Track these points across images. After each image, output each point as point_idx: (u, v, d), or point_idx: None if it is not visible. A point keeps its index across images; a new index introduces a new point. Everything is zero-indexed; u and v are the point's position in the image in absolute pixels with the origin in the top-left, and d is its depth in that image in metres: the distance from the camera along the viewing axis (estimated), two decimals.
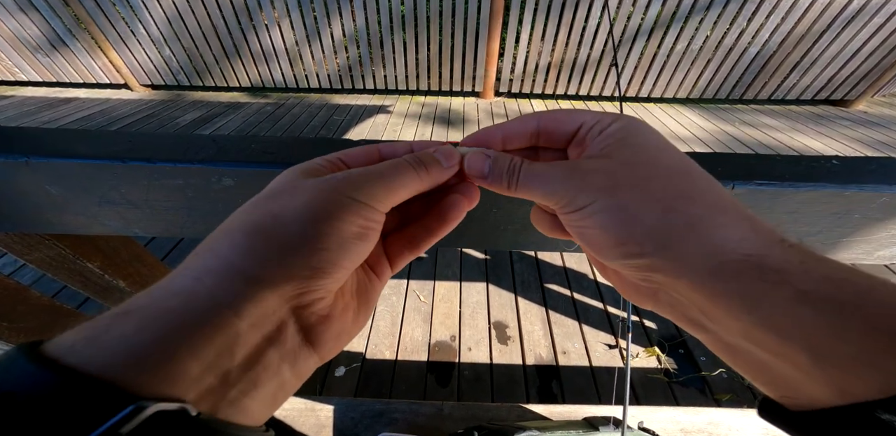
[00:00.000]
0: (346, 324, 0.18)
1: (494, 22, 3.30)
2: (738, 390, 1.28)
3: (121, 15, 3.36)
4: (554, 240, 0.42)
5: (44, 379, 0.10)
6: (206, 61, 3.71)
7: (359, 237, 0.17)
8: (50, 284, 1.60)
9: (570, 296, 1.63)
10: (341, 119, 3.44)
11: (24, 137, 0.38)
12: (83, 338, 0.12)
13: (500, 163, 0.20)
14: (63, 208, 0.39)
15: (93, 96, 3.83)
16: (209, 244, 0.16)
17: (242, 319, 0.13)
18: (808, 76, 3.53)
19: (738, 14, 3.17)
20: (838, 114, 3.59)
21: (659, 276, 0.17)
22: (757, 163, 0.35)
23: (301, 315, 0.16)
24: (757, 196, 0.34)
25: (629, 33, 3.35)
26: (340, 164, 0.21)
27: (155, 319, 0.12)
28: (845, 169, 0.35)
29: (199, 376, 0.12)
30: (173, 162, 0.37)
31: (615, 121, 0.20)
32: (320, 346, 0.17)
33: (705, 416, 0.72)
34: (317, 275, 0.16)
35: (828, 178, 0.34)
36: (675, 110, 3.71)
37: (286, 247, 0.15)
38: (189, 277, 0.14)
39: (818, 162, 0.36)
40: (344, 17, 3.38)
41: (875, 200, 0.34)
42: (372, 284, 0.21)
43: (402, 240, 0.22)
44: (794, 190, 0.33)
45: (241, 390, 0.13)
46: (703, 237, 0.16)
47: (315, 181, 0.18)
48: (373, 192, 0.18)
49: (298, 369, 0.16)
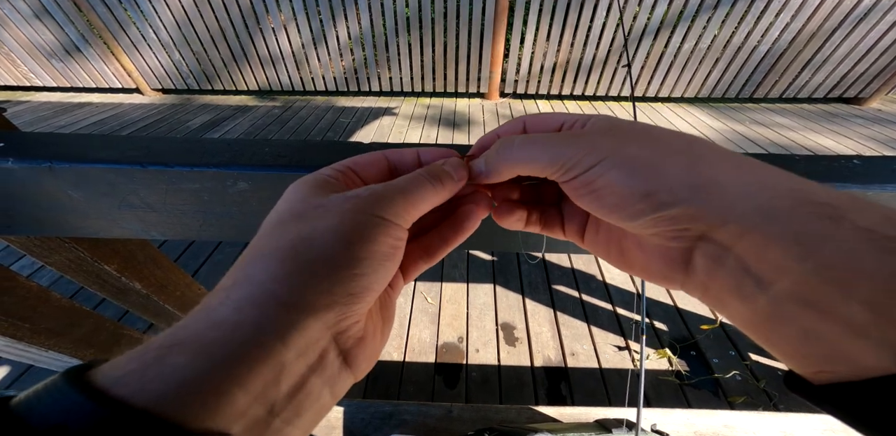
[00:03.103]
0: (377, 342, 0.18)
1: (499, 23, 3.30)
2: (752, 392, 1.26)
3: (132, 20, 3.44)
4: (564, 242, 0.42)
5: (95, 412, 0.10)
6: (215, 65, 3.77)
7: (389, 258, 0.17)
8: (67, 285, 1.63)
9: (578, 297, 1.61)
10: (347, 121, 3.46)
11: (47, 143, 0.39)
12: (131, 370, 0.12)
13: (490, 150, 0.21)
14: (84, 212, 0.39)
15: (105, 101, 3.91)
16: (245, 270, 0.15)
17: (289, 350, 0.13)
18: (821, 74, 3.47)
19: (747, 12, 3.13)
20: (852, 112, 3.52)
21: (699, 225, 0.15)
22: (775, 162, 0.35)
23: (340, 340, 0.16)
24: None
25: (636, 33, 3.33)
26: (351, 174, 0.20)
27: (202, 353, 0.12)
28: (867, 169, 0.34)
29: (246, 408, 0.12)
30: (190, 166, 0.37)
31: (594, 117, 0.19)
32: (356, 367, 0.17)
33: (720, 418, 0.71)
34: (354, 300, 0.15)
35: (849, 178, 0.33)
36: (685, 110, 3.68)
37: (324, 273, 0.15)
38: (230, 306, 0.14)
39: (838, 161, 0.35)
40: (349, 19, 3.41)
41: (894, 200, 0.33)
42: (389, 297, 0.21)
43: (417, 250, 0.22)
44: None
45: (285, 419, 0.13)
46: (745, 175, 0.14)
47: (340, 199, 0.17)
48: (397, 209, 0.17)
49: (336, 391, 0.16)
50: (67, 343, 0.46)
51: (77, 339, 0.48)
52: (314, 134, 3.23)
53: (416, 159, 0.22)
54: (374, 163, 0.21)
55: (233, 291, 0.14)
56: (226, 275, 0.15)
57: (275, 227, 0.17)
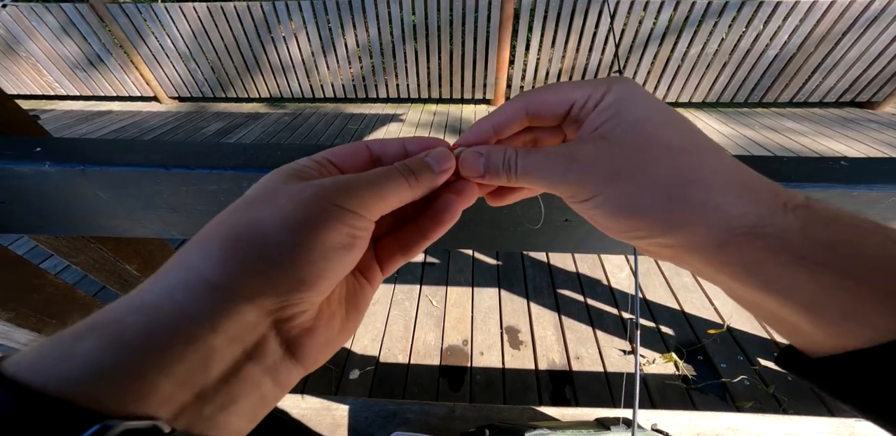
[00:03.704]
0: (332, 333, 0.17)
1: (504, 30, 3.34)
2: (761, 397, 1.24)
3: (151, 31, 3.57)
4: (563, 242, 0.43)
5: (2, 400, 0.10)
6: (229, 74, 3.89)
7: (345, 247, 0.16)
8: (89, 286, 1.68)
9: (583, 301, 1.61)
10: (356, 128, 3.53)
11: (80, 148, 0.42)
12: (43, 356, 0.11)
13: (493, 158, 0.20)
14: (113, 212, 0.42)
15: (125, 109, 4.05)
16: (182, 255, 0.15)
17: (218, 334, 0.13)
18: (832, 78, 3.43)
19: (754, 17, 3.12)
20: (865, 116, 3.46)
21: (668, 251, 0.18)
22: (761, 163, 0.36)
23: (283, 328, 0.15)
24: None
25: (641, 38, 3.33)
26: (328, 164, 0.20)
27: (119, 337, 0.12)
28: (853, 169, 0.35)
29: (171, 393, 0.11)
30: (209, 168, 0.40)
31: (608, 92, 0.19)
32: (304, 358, 0.16)
33: (724, 421, 0.71)
34: (299, 288, 0.15)
35: (835, 178, 0.34)
36: (693, 115, 3.66)
37: (265, 258, 0.14)
38: (154, 292, 0.13)
39: (825, 163, 0.36)
40: (357, 28, 3.49)
41: (885, 201, 0.34)
42: (362, 289, 0.20)
43: (394, 243, 0.21)
44: (799, 190, 0.34)
45: (218, 405, 0.13)
46: (709, 218, 0.16)
47: (300, 186, 0.16)
48: (361, 200, 0.17)
49: (281, 381, 0.15)
50: None
51: None
52: (323, 140, 3.30)
53: (401, 150, 0.21)
54: (355, 154, 0.21)
55: (165, 275, 0.14)
56: (167, 261, 0.15)
57: (227, 214, 0.16)
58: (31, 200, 0.41)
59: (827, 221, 0.15)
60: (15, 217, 0.43)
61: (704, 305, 1.58)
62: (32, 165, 0.39)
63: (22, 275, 0.43)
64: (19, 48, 3.71)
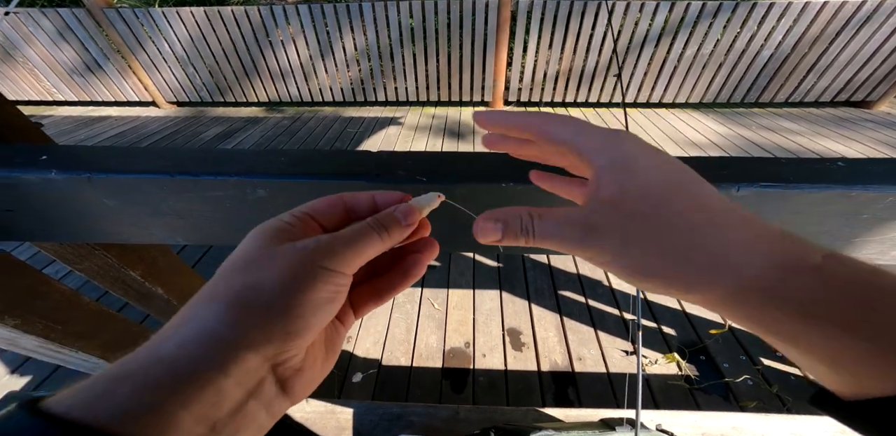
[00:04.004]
0: (316, 371, 0.21)
1: (501, 32, 3.36)
2: (764, 397, 1.24)
3: (149, 36, 3.58)
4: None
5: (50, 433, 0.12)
6: (227, 78, 3.89)
7: (329, 302, 0.19)
8: (92, 291, 1.68)
9: (584, 302, 1.61)
10: (355, 131, 3.53)
11: (85, 155, 0.42)
12: (80, 401, 0.14)
13: (511, 226, 0.21)
14: (118, 219, 0.43)
15: (123, 114, 4.06)
16: (194, 310, 0.17)
17: (228, 378, 0.16)
18: (826, 78, 3.46)
19: (748, 18, 3.15)
20: (861, 116, 3.49)
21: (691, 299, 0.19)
22: (761, 165, 0.36)
23: (277, 371, 0.18)
24: (762, 198, 0.35)
25: (637, 39, 3.36)
26: (309, 219, 0.22)
27: (148, 385, 0.14)
28: (851, 170, 0.35)
29: (191, 427, 0.14)
30: (214, 175, 0.40)
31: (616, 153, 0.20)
32: (293, 393, 0.19)
33: (728, 420, 0.71)
34: (292, 338, 0.18)
35: (833, 179, 0.34)
36: (689, 115, 3.68)
37: (266, 317, 0.17)
38: (175, 343, 0.16)
39: (822, 163, 0.37)
40: (355, 32, 3.50)
41: (882, 201, 0.34)
42: (338, 331, 0.23)
43: (367, 291, 0.24)
44: (798, 191, 0.34)
45: (227, 434, 0.16)
46: (722, 280, 0.17)
47: (288, 250, 0.19)
48: (341, 259, 0.19)
49: (274, 413, 0.18)
50: (97, 345, 0.49)
51: (106, 341, 0.50)
52: (322, 144, 3.30)
53: (371, 202, 0.24)
54: (331, 207, 0.23)
55: (180, 329, 0.17)
56: (178, 313, 0.18)
57: (228, 273, 0.19)
58: (38, 207, 0.41)
59: (844, 281, 0.15)
60: (21, 224, 0.43)
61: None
62: (39, 173, 0.40)
63: (27, 281, 0.44)
64: (17, 54, 3.70)
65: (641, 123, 3.57)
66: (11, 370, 1.40)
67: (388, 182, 0.38)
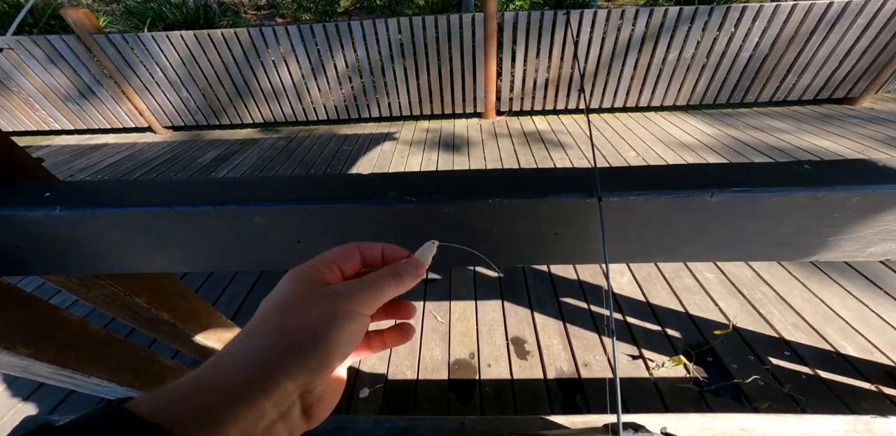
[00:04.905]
0: (333, 398, 0.25)
1: (489, 44, 3.43)
2: (776, 396, 1.23)
3: (140, 60, 3.61)
4: (556, 253, 0.45)
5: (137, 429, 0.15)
6: (221, 100, 3.94)
7: (354, 338, 0.23)
8: (100, 318, 1.69)
9: (587, 308, 1.61)
10: (350, 149, 3.56)
11: (87, 191, 0.44)
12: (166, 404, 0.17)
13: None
14: (122, 251, 0.44)
15: (120, 141, 4.10)
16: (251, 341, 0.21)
17: (270, 400, 0.19)
18: (807, 76, 3.54)
19: (724, 20, 3.25)
20: (845, 112, 3.56)
21: None
22: (731, 171, 0.38)
23: (305, 397, 0.22)
24: (735, 202, 0.37)
25: (621, 45, 3.45)
26: (333, 265, 0.27)
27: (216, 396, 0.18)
28: (816, 173, 0.37)
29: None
30: (212, 205, 0.42)
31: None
32: (312, 417, 0.23)
33: (737, 422, 0.70)
34: (323, 369, 0.21)
35: (800, 182, 0.36)
36: (679, 118, 3.75)
37: (305, 351, 0.21)
38: (237, 366, 0.20)
39: (790, 167, 0.39)
40: (345, 49, 3.57)
41: (849, 201, 0.36)
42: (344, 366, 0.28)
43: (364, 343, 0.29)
44: (769, 195, 0.36)
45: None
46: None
47: (322, 294, 0.24)
48: (366, 302, 0.24)
49: (293, 434, 0.21)
50: (107, 369, 0.50)
51: (115, 365, 0.51)
52: (319, 163, 3.31)
53: (379, 252, 0.29)
54: (350, 254, 0.28)
55: (240, 355, 0.20)
56: (231, 342, 0.22)
57: (271, 313, 0.23)
58: (44, 243, 0.43)
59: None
60: (29, 260, 0.45)
61: (709, 306, 1.58)
62: (44, 211, 0.41)
63: (36, 312, 0.45)
64: (10, 84, 3.74)
65: (632, 126, 3.63)
66: (26, 396, 1.41)
67: (379, 204, 0.40)
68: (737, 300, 1.60)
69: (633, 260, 0.43)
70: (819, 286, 1.65)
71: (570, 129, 3.66)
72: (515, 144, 3.40)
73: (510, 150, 3.31)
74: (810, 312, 1.53)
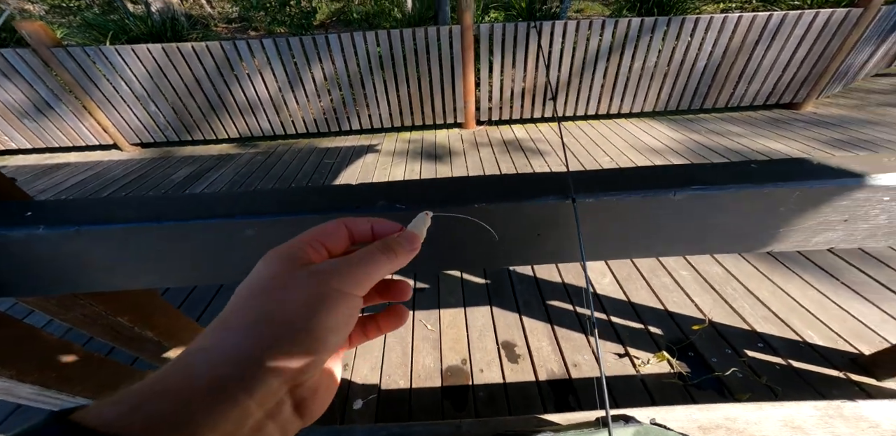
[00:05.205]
0: (328, 391, 0.22)
1: (467, 55, 3.51)
2: (755, 387, 1.29)
3: (103, 74, 3.45)
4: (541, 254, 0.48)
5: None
6: (193, 115, 3.83)
7: (344, 323, 0.20)
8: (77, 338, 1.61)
9: (572, 310, 1.65)
10: (332, 162, 3.53)
11: (70, 209, 0.44)
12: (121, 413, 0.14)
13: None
14: (109, 268, 0.44)
15: (84, 160, 3.89)
16: (221, 333, 0.18)
17: (253, 399, 0.16)
18: (756, 83, 3.84)
19: (681, 31, 3.50)
20: (792, 116, 3.86)
21: None
22: (691, 171, 0.43)
23: (295, 392, 0.19)
24: (695, 199, 0.41)
25: (591, 55, 3.61)
26: (317, 244, 0.23)
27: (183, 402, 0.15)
28: (762, 171, 0.42)
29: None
30: (201, 219, 0.42)
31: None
32: (306, 414, 0.20)
33: (721, 412, 0.73)
34: (310, 360, 0.19)
35: (748, 179, 0.41)
36: (647, 124, 3.95)
37: (287, 340, 0.18)
38: (207, 364, 0.17)
39: (741, 166, 0.43)
40: (323, 62, 3.56)
41: (791, 195, 0.41)
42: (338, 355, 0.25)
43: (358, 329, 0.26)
44: (724, 192, 0.40)
45: None
46: None
47: (303, 274, 0.20)
48: (354, 281, 0.21)
49: (286, 433, 0.19)
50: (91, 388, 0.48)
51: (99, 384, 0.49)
52: (300, 178, 3.26)
53: (369, 228, 0.26)
54: (336, 231, 0.25)
55: (210, 352, 0.17)
56: (203, 335, 0.18)
57: (248, 299, 0.20)
58: (25, 262, 0.42)
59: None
60: (8, 280, 0.43)
61: (686, 303, 1.65)
62: (25, 230, 0.41)
63: (16, 332, 0.43)
64: None
65: (605, 133, 3.80)
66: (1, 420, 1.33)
67: (370, 212, 0.41)
68: (710, 296, 1.68)
69: (610, 257, 0.47)
70: (783, 280, 1.75)
71: (547, 136, 3.78)
72: (496, 153, 3.48)
73: (491, 158, 3.38)
74: (777, 305, 1.62)
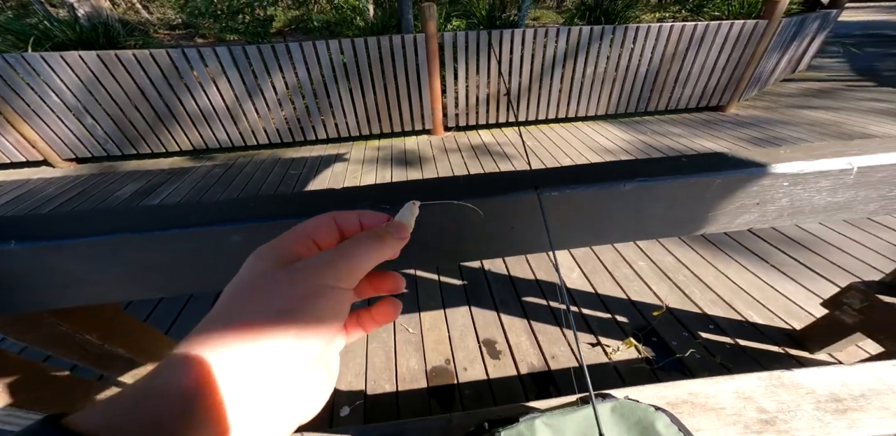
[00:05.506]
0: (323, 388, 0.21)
1: (432, 63, 3.56)
2: (712, 367, 1.41)
3: (27, 83, 3.11)
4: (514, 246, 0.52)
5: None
6: (137, 127, 3.55)
7: (334, 318, 0.20)
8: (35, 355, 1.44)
9: (546, 305, 1.73)
10: (298, 172, 3.42)
11: (45, 222, 0.42)
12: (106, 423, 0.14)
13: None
14: (89, 281, 0.42)
15: (9, 178, 3.50)
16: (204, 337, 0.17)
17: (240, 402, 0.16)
18: (688, 88, 4.26)
19: (624, 38, 3.81)
20: (720, 118, 4.30)
21: None
22: (637, 166, 0.49)
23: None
24: (641, 190, 0.47)
25: (548, 61, 3.82)
26: (305, 238, 0.23)
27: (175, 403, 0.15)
28: (691, 163, 0.50)
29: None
30: (183, 227, 0.43)
31: None
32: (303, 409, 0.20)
33: (685, 388, 0.80)
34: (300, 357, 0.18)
35: (681, 171, 0.48)
36: (600, 126, 4.23)
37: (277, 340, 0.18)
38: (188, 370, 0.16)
39: (675, 160, 0.51)
40: (284, 70, 3.44)
41: (713, 183, 0.48)
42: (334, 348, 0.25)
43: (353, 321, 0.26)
44: (662, 183, 0.47)
45: None
46: None
47: (289, 272, 0.20)
48: (344, 274, 0.20)
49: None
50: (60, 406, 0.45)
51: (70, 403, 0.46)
52: (265, 189, 3.14)
53: (356, 220, 0.25)
54: (324, 225, 0.24)
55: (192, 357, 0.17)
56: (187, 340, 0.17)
57: (233, 301, 0.19)
58: None
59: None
60: None
61: (645, 291, 1.79)
62: None
63: None
64: None
65: (565, 136, 4.02)
66: None
67: None
68: (665, 284, 1.83)
69: (574, 245, 0.52)
70: (724, 265, 1.95)
71: (512, 140, 3.93)
72: (465, 158, 3.57)
73: (461, 163, 3.46)
74: (721, 289, 1.79)
